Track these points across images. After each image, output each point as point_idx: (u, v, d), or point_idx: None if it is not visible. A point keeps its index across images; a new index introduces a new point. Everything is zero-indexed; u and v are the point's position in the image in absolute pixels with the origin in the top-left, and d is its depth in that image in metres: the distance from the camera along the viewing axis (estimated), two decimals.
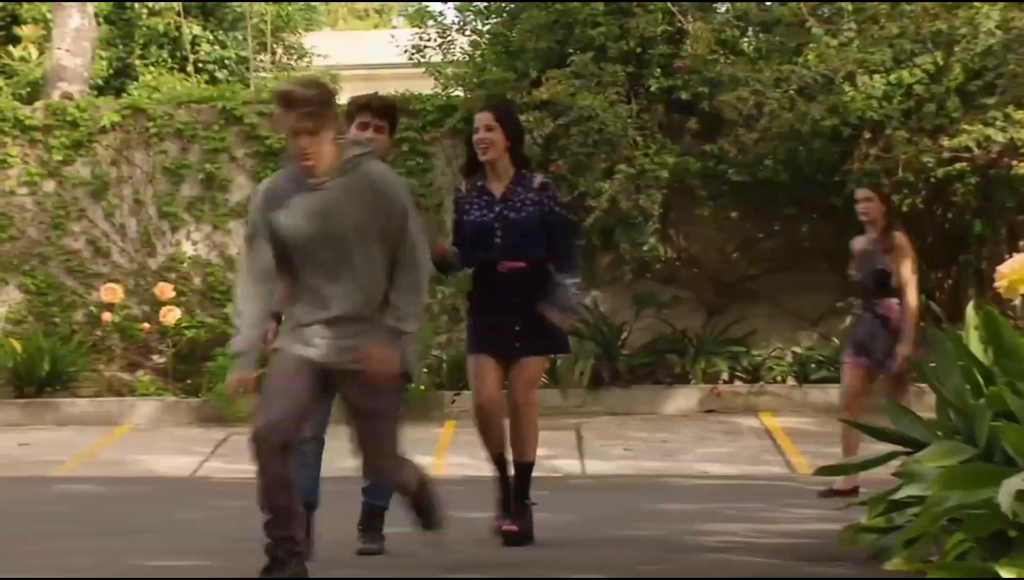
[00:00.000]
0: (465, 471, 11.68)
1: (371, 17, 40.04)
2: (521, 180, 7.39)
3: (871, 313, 9.77)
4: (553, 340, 7.52)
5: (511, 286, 7.30)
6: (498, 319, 7.33)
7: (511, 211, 7.33)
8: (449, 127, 15.38)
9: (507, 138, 7.36)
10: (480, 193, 7.41)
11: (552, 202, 7.43)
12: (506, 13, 15.80)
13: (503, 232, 7.32)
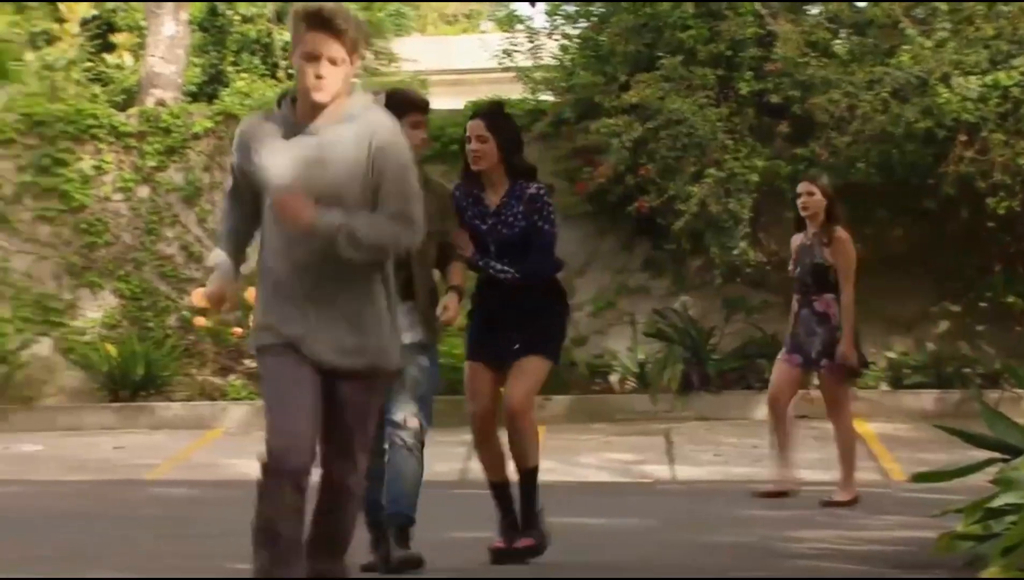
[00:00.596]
0: (554, 476, 11.52)
1: (460, 22, 40.12)
2: (515, 191, 7.00)
3: (809, 309, 9.59)
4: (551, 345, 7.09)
5: (509, 295, 6.97)
6: (496, 325, 7.01)
7: (504, 226, 6.98)
8: (538, 131, 15.35)
9: (500, 148, 6.95)
10: (475, 201, 7.04)
11: (539, 216, 6.98)
12: (595, 17, 15.78)
13: (497, 247, 6.98)
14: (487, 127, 6.94)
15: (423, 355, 6.66)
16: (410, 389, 6.60)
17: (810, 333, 9.55)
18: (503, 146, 6.95)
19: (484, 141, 6.91)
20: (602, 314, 15.63)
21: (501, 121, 7.07)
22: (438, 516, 8.93)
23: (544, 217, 7.01)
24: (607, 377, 15.40)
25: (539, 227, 6.97)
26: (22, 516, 9.67)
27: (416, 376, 6.60)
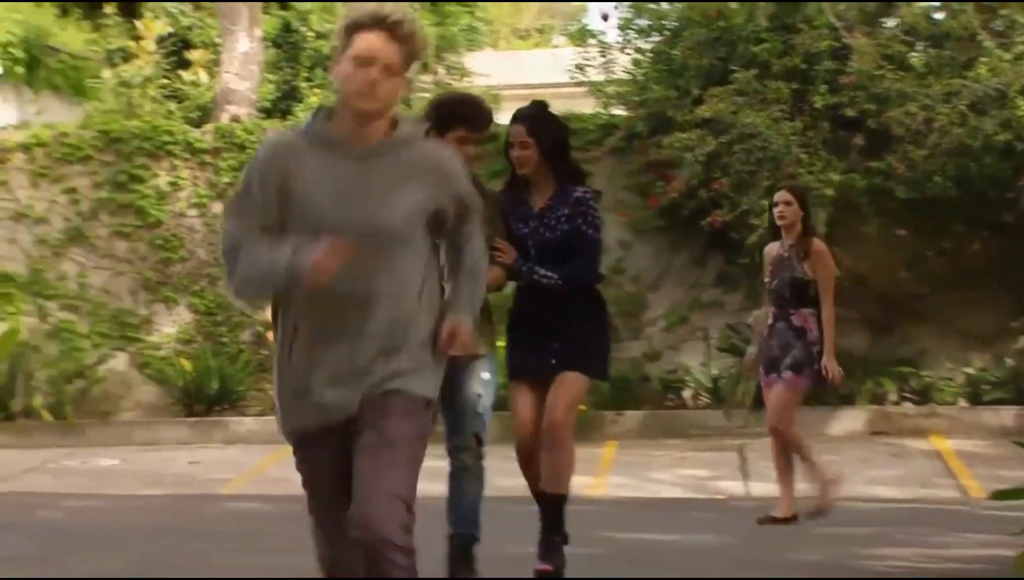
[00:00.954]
0: (627, 492, 11.64)
1: (532, 37, 40.20)
2: (561, 194, 6.75)
3: (786, 323, 9.18)
4: (592, 361, 6.81)
5: (548, 304, 6.69)
6: (535, 337, 6.72)
7: (546, 230, 6.72)
8: (610, 146, 15.32)
9: (541, 152, 6.72)
10: (520, 203, 6.81)
11: (583, 220, 6.71)
12: (668, 31, 15.72)
13: (537, 251, 6.70)
14: (528, 132, 6.74)
15: (483, 367, 6.50)
16: (472, 406, 6.46)
17: (785, 347, 9.14)
18: (545, 149, 6.73)
19: (526, 147, 6.71)
20: (675, 329, 15.55)
21: (542, 124, 6.82)
22: (509, 532, 8.93)
23: (588, 222, 6.75)
24: (680, 392, 15.31)
25: (583, 232, 6.71)
26: (98, 530, 9.75)
27: (478, 391, 6.46)
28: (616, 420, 14.51)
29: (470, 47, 25.42)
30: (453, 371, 5.94)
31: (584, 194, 6.78)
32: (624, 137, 15.18)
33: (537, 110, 6.91)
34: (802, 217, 9.29)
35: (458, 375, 6.25)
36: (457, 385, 6.32)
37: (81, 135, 16.22)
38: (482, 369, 6.46)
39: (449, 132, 6.29)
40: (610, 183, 15.52)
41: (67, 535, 9.55)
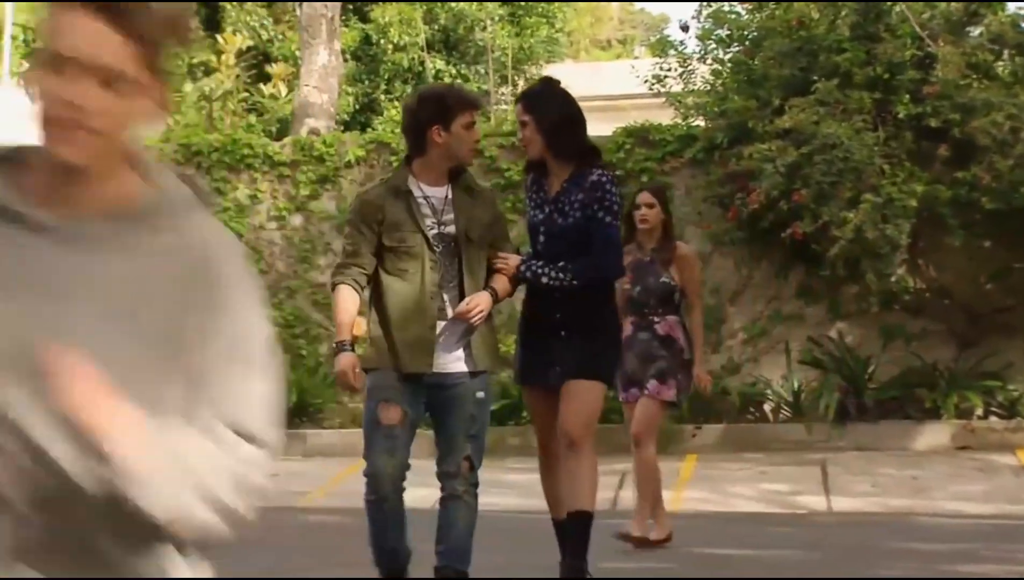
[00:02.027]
0: (707, 506, 11.52)
1: (613, 48, 40.16)
2: (577, 178, 6.17)
3: (649, 332, 8.50)
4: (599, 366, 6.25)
5: (553, 300, 6.16)
6: (541, 339, 6.25)
7: (559, 215, 6.17)
8: (689, 157, 15.23)
9: (542, 131, 6.15)
10: (538, 190, 6.32)
11: (599, 205, 6.10)
12: (748, 41, 15.61)
13: (547, 238, 6.20)
14: (525, 108, 6.23)
15: (479, 386, 6.08)
16: (464, 429, 6.03)
17: (648, 358, 8.50)
18: (545, 128, 6.17)
19: (525, 125, 6.25)
20: (755, 342, 15.41)
21: (542, 101, 6.24)
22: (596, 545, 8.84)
23: (605, 207, 6.09)
24: (761, 406, 15.17)
25: (599, 219, 6.09)
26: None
27: (472, 412, 6.04)
28: (695, 434, 14.40)
29: (550, 59, 25.44)
30: (444, 390, 5.98)
31: (601, 177, 6.16)
32: (704, 148, 15.09)
33: (540, 87, 6.44)
34: (664, 220, 8.63)
35: (450, 394, 5.98)
36: (448, 405, 6.01)
37: (163, 148, 16.33)
38: (477, 388, 6.05)
39: (455, 121, 5.96)
40: (689, 195, 15.46)
41: None
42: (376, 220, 5.98)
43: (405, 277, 5.95)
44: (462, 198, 6.04)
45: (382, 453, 5.92)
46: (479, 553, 6.23)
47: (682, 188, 15.57)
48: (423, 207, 5.99)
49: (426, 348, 5.91)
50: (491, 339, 6.15)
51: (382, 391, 5.99)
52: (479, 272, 6.05)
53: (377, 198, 6.10)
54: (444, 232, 5.98)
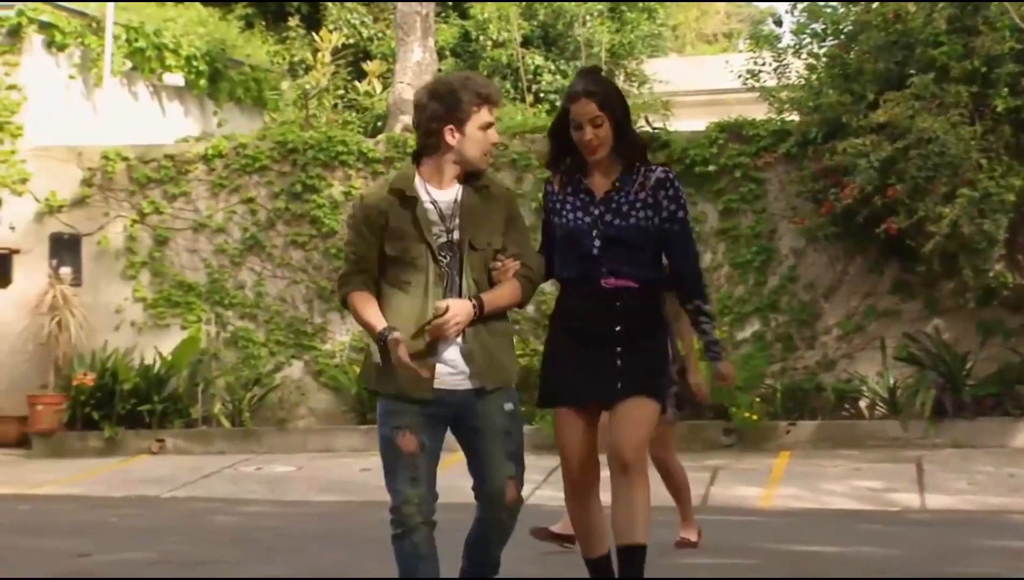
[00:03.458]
0: (798, 503, 11.47)
1: (719, 42, 39.91)
2: (631, 175, 5.57)
3: None
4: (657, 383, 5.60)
5: (614, 310, 5.51)
6: (593, 352, 5.52)
7: (615, 216, 5.53)
8: (783, 152, 15.13)
9: (615, 128, 5.54)
10: (576, 191, 5.63)
11: (675, 204, 5.55)
12: (844, 35, 15.48)
13: (603, 241, 5.52)
14: (600, 105, 5.51)
15: (505, 398, 5.40)
16: (501, 447, 5.37)
17: None
18: (617, 125, 5.56)
19: (599, 124, 5.52)
20: (850, 338, 15.29)
21: (611, 93, 5.62)
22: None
23: (681, 205, 5.59)
24: (856, 402, 15.05)
25: (679, 218, 5.55)
26: (269, 535, 9.90)
27: (506, 428, 5.38)
28: (789, 430, 14.33)
29: (653, 53, 25.38)
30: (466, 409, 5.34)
31: (667, 174, 5.60)
32: (797, 143, 14.99)
33: (600, 78, 5.67)
34: None
35: (474, 412, 5.35)
36: (476, 424, 5.35)
37: (259, 146, 16.51)
38: (504, 400, 5.38)
39: (469, 121, 5.32)
40: (783, 190, 15.39)
41: (239, 540, 9.73)
42: (379, 225, 5.34)
43: (407, 290, 5.33)
44: (471, 201, 5.36)
45: (406, 482, 5.27)
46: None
47: (775, 183, 15.49)
48: (430, 213, 5.31)
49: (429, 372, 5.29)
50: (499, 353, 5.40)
51: (395, 417, 5.33)
52: (484, 285, 5.38)
53: (381, 202, 5.37)
54: (452, 240, 5.33)
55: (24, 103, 16.68)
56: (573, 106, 5.53)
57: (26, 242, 16.58)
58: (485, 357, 5.34)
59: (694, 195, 15.54)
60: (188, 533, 10.24)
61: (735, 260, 15.54)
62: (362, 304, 5.40)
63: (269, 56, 21.76)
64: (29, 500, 12.49)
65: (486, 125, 5.35)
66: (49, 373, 16.07)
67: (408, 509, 5.28)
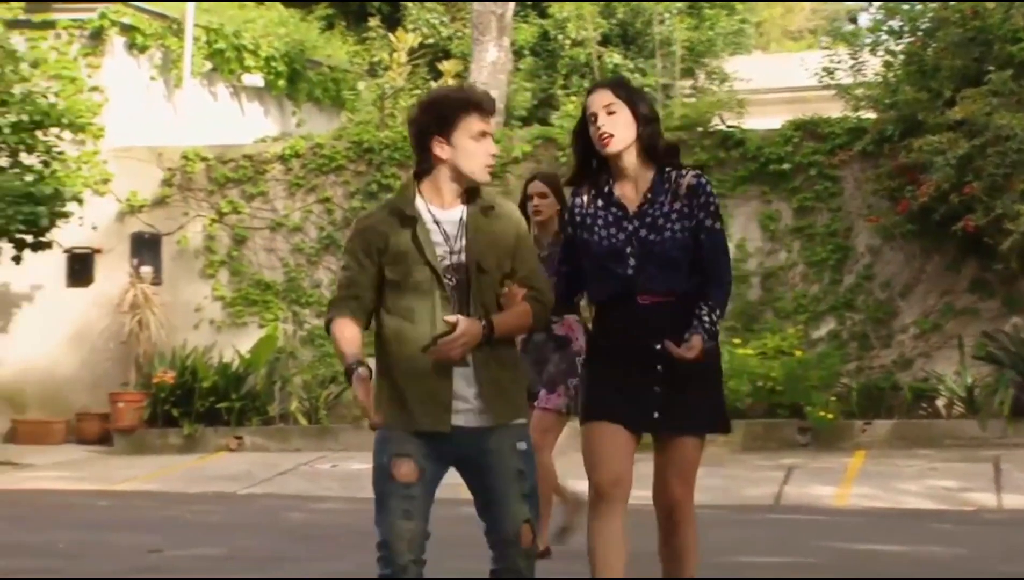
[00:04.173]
0: (873, 502, 11.40)
1: (805, 39, 39.59)
2: (663, 184, 5.19)
3: (546, 333, 7.61)
4: (712, 412, 5.26)
5: (652, 327, 5.12)
6: (632, 374, 5.15)
7: (650, 231, 5.16)
8: (859, 149, 15.04)
9: (638, 122, 5.16)
10: (607, 204, 5.24)
11: (705, 212, 5.17)
12: (921, 32, 15.35)
13: (639, 259, 5.15)
14: (616, 93, 5.18)
15: (517, 436, 4.96)
16: (515, 489, 4.91)
17: (541, 362, 7.69)
18: (641, 120, 5.18)
19: (614, 114, 5.15)
20: (927, 336, 15.17)
21: (632, 90, 5.25)
22: (750, 540, 8.86)
23: (712, 213, 5.21)
24: (933, 401, 14.93)
25: (708, 227, 5.18)
26: (340, 532, 9.99)
27: (519, 467, 4.92)
28: (865, 429, 14.23)
29: (736, 51, 25.28)
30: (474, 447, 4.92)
31: (699, 180, 5.20)
32: (873, 140, 14.88)
33: (621, 79, 5.34)
34: (559, 211, 7.80)
35: (484, 450, 4.91)
36: (487, 463, 4.92)
37: (335, 146, 16.65)
38: (516, 438, 4.95)
39: (458, 130, 4.88)
40: (859, 187, 15.30)
41: (311, 537, 9.82)
42: (378, 248, 4.93)
43: (412, 318, 4.88)
44: (477, 220, 4.96)
45: (398, 517, 4.85)
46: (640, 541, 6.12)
47: (851, 181, 15.41)
48: (433, 234, 4.92)
49: (442, 403, 4.86)
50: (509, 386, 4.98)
51: (394, 444, 4.90)
52: (492, 309, 4.97)
53: (379, 223, 4.97)
54: (457, 262, 4.92)
55: (106, 104, 16.93)
56: (588, 100, 5.21)
57: (108, 242, 16.83)
58: (494, 390, 4.91)
59: (769, 193, 15.50)
60: (261, 529, 10.36)
61: (810, 258, 15.46)
62: (340, 330, 4.94)
63: (349, 56, 21.91)
64: (109, 496, 12.68)
65: (479, 134, 4.86)
66: (130, 371, 16.30)
67: (399, 546, 4.85)
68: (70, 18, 17.04)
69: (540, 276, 5.08)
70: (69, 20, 17.04)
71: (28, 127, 15.12)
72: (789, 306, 15.46)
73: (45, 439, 16.36)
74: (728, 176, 15.66)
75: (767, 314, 15.50)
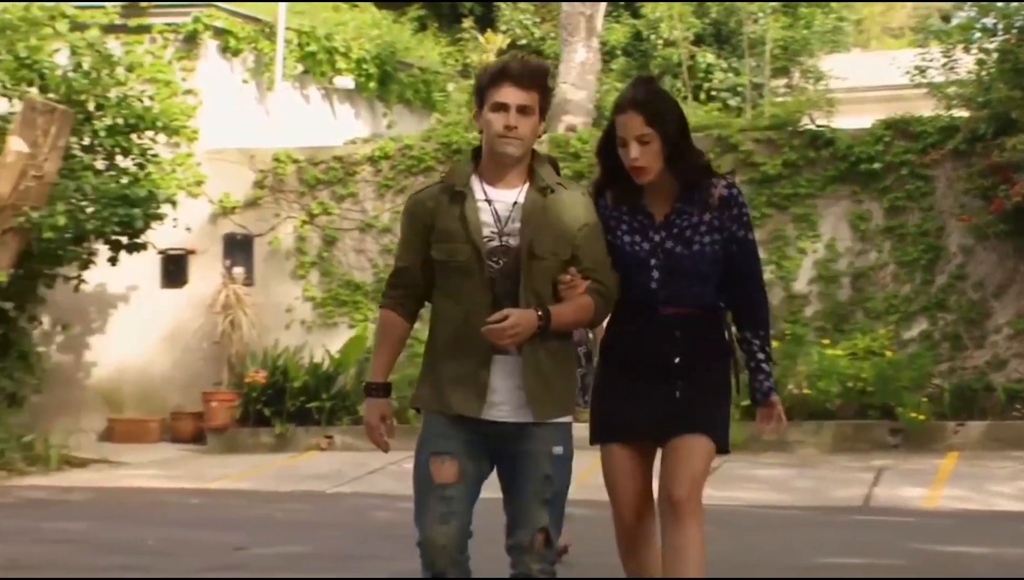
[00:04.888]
0: (963, 504, 11.29)
1: (905, 36, 39.20)
2: (692, 195, 4.91)
3: None
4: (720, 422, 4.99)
5: (673, 339, 4.89)
6: (650, 386, 4.91)
7: (677, 243, 4.88)
8: (951, 148, 14.87)
9: (666, 145, 4.83)
10: (633, 212, 4.95)
11: (736, 224, 4.92)
12: (1015, 29, 15.15)
13: (663, 273, 4.88)
14: (648, 120, 4.81)
15: (556, 438, 4.75)
16: (538, 493, 4.73)
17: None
18: (669, 141, 4.85)
19: (648, 143, 4.82)
20: (1021, 337, 14.97)
21: (662, 108, 4.88)
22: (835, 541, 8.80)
23: (745, 225, 4.97)
24: None
25: (741, 239, 4.94)
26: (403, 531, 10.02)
27: (547, 472, 4.73)
28: (958, 431, 14.07)
29: (834, 49, 25.10)
30: (509, 443, 4.73)
31: (731, 190, 4.95)
32: (966, 139, 14.72)
33: (653, 88, 4.95)
34: None
35: (517, 449, 4.73)
36: (516, 463, 4.75)
37: (424, 147, 16.73)
38: (554, 441, 4.74)
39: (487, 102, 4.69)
40: (951, 186, 15.13)
41: (394, 535, 9.85)
42: (425, 225, 4.75)
43: (458, 299, 4.71)
44: (534, 202, 4.71)
45: (435, 520, 4.69)
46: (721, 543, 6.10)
47: (943, 180, 15.24)
48: (483, 212, 4.69)
49: (476, 387, 4.67)
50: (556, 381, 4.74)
51: (433, 442, 4.76)
52: (548, 298, 4.70)
53: (429, 199, 4.80)
54: (509, 244, 4.67)
55: (200, 107, 17.12)
56: (618, 118, 4.86)
57: (201, 243, 17.03)
58: (538, 384, 4.68)
59: (859, 193, 15.38)
60: (346, 528, 10.45)
61: (901, 258, 15.32)
62: (382, 331, 4.91)
63: (441, 57, 22.01)
64: (202, 494, 12.83)
65: (497, 105, 4.64)
66: (223, 370, 16.48)
67: (434, 552, 4.70)
68: (165, 22, 17.27)
69: (606, 268, 4.82)
70: (164, 24, 17.27)
71: (123, 130, 15.37)
72: (880, 306, 15.32)
73: (140, 438, 16.60)
74: (818, 176, 15.55)
75: (857, 314, 15.38)
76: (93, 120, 15.30)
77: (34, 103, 14.00)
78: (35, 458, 14.67)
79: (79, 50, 15.30)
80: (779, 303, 15.31)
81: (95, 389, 17.05)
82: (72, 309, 16.70)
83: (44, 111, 13.85)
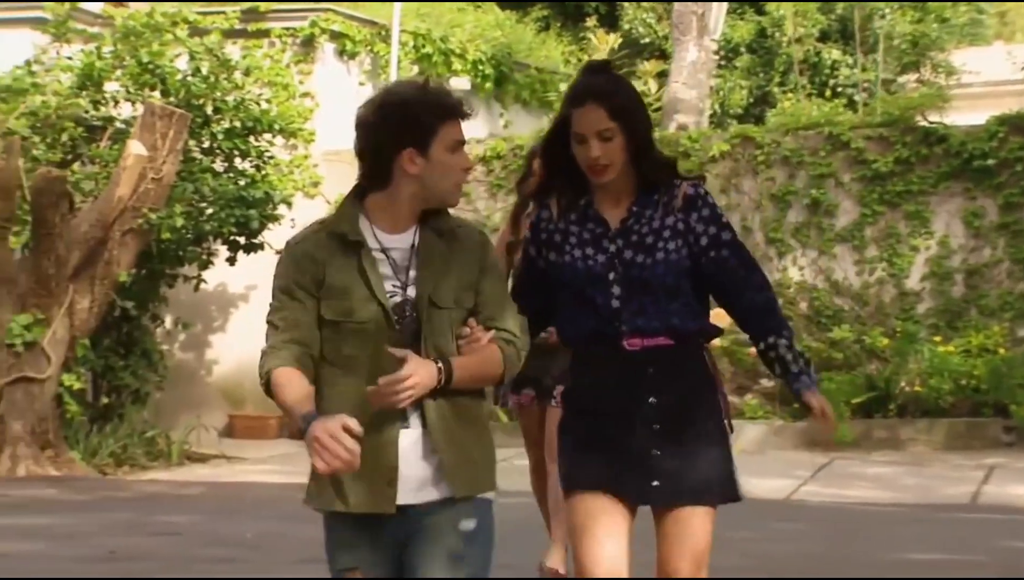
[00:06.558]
0: None
1: None
2: (652, 197, 4.21)
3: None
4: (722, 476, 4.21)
5: (645, 378, 4.14)
6: (621, 435, 4.15)
7: (637, 251, 4.18)
8: None
9: (630, 141, 4.14)
10: (583, 218, 4.26)
11: (709, 224, 4.20)
12: None
13: (624, 288, 4.15)
14: (612, 114, 4.11)
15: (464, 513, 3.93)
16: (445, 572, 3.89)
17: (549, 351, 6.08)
18: (633, 137, 4.16)
19: (610, 140, 4.12)
20: None
21: (627, 102, 4.17)
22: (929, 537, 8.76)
23: (724, 224, 4.25)
24: None
25: (727, 241, 4.22)
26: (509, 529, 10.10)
27: (455, 551, 3.90)
28: None
29: (973, 42, 24.81)
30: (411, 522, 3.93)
31: (697, 189, 4.23)
32: None
33: (614, 77, 4.24)
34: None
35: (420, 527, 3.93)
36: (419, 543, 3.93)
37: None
38: (461, 516, 3.93)
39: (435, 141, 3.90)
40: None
41: None
42: (315, 280, 3.94)
43: (354, 368, 3.92)
44: (431, 246, 3.98)
45: None
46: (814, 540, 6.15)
47: None
48: (381, 264, 3.95)
49: (386, 476, 3.89)
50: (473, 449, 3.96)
51: (341, 556, 3.99)
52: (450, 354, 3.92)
53: (316, 249, 3.96)
54: (407, 298, 3.94)
55: (317, 110, 17.42)
56: (576, 112, 4.16)
57: None
58: (455, 456, 3.91)
59: (973, 190, 15.21)
60: None
61: (1016, 255, 15.14)
62: (284, 381, 3.85)
63: (564, 57, 22.10)
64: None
65: (456, 145, 3.93)
66: None
67: None
68: (283, 27, 17.62)
69: (510, 314, 4.05)
70: (282, 28, 17.61)
71: (241, 133, 15.68)
72: (994, 303, 15.14)
73: (260, 434, 16.91)
74: (931, 173, 15.40)
75: (971, 312, 15.21)
76: (212, 123, 15.63)
77: (153, 107, 14.34)
78: (157, 453, 15.03)
79: (197, 55, 15.64)
80: (891, 301, 15.22)
81: (216, 386, 17.42)
82: (193, 308, 17.06)
83: (163, 115, 14.18)
